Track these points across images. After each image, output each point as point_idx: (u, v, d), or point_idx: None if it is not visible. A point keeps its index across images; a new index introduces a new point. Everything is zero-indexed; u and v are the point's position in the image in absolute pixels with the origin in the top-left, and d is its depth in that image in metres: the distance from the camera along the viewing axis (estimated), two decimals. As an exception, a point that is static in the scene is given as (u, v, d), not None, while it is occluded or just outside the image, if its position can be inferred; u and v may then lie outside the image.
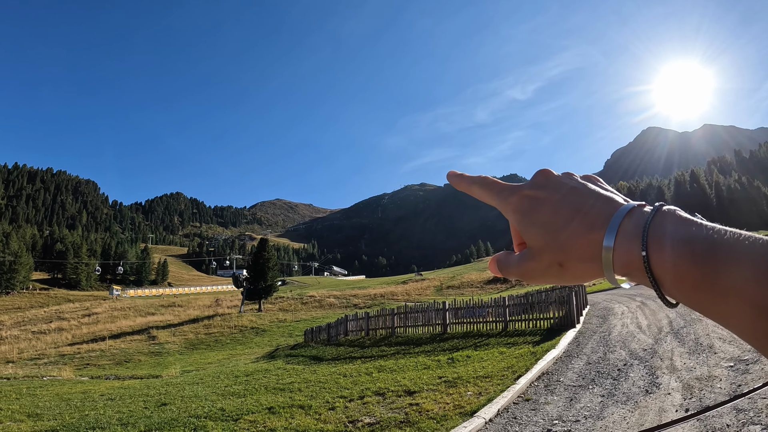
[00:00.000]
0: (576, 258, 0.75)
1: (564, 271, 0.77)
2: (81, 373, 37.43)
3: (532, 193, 0.83)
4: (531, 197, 0.83)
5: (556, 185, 0.82)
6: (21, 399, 18.02)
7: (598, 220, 0.74)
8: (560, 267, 0.77)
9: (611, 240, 0.70)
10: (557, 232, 0.76)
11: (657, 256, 0.66)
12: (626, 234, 0.70)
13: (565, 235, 0.75)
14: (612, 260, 0.70)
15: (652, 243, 0.67)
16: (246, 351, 46.48)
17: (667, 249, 0.65)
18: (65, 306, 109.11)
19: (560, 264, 0.77)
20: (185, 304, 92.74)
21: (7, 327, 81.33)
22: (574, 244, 0.74)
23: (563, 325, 20.59)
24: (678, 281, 0.64)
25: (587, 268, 0.75)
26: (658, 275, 0.66)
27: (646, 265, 0.66)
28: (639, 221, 0.70)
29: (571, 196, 0.79)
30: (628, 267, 0.69)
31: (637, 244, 0.67)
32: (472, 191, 0.93)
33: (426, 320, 26.46)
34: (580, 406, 9.49)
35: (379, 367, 17.64)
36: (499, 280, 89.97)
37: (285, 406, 12.10)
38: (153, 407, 14.31)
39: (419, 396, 11.61)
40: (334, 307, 76.61)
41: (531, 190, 0.84)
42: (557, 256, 0.76)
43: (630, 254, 0.68)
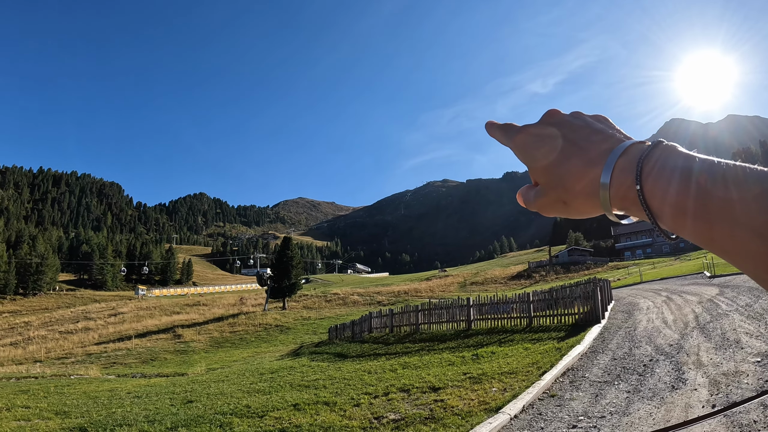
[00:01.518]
0: (577, 194, 0.77)
1: (568, 207, 0.80)
2: (108, 371, 37.89)
3: (537, 131, 0.86)
4: (535, 134, 0.85)
5: (560, 123, 0.84)
6: (49, 397, 18.25)
7: (596, 156, 0.76)
8: (564, 203, 0.80)
9: (607, 176, 0.72)
10: (558, 169, 0.79)
11: (651, 188, 0.67)
12: (622, 169, 0.72)
13: (565, 172, 0.78)
14: (609, 196, 0.72)
15: (646, 175, 0.68)
16: (271, 349, 46.74)
17: (661, 180, 0.67)
18: (92, 306, 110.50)
19: (564, 201, 0.80)
20: (210, 302, 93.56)
21: (35, 327, 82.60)
22: (574, 181, 0.77)
23: (588, 320, 20.46)
24: (673, 211, 0.65)
25: (589, 204, 0.77)
26: (653, 207, 0.68)
27: (641, 197, 0.68)
28: (635, 156, 0.72)
29: (573, 133, 0.81)
30: (624, 201, 0.71)
31: (632, 178, 0.69)
32: (497, 137, 0.96)
33: (450, 317, 26.44)
34: (606, 402, 9.44)
35: (403, 363, 17.67)
36: (522, 276, 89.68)
37: (310, 402, 12.16)
38: (179, 404, 14.44)
39: (444, 392, 11.61)
40: (358, 304, 76.80)
41: (536, 128, 0.87)
42: (559, 192, 0.79)
43: (625, 188, 0.70)
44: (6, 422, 12.95)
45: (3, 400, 17.09)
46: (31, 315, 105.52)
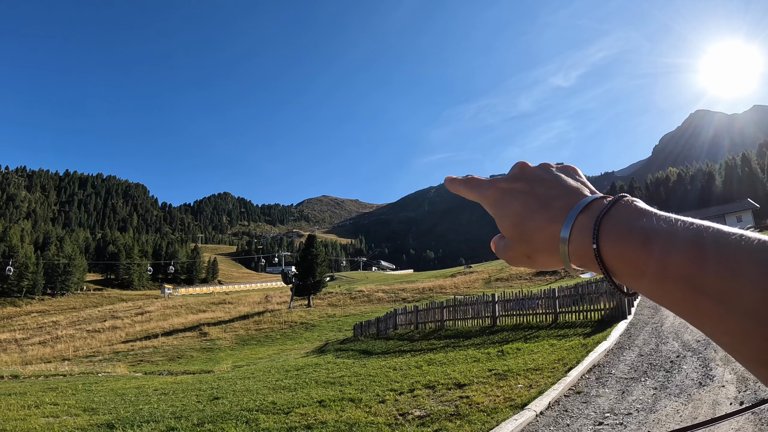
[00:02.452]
0: (539, 249, 0.77)
1: (532, 261, 0.80)
2: (135, 369, 38.29)
3: (506, 186, 0.85)
4: (504, 189, 0.85)
5: (528, 177, 0.84)
6: (77, 394, 18.46)
7: (558, 212, 0.76)
8: (528, 258, 0.80)
9: (567, 232, 0.72)
10: (523, 224, 0.79)
11: (607, 247, 0.67)
12: (581, 227, 0.72)
13: (530, 228, 0.78)
14: (568, 253, 0.72)
15: (603, 235, 0.68)
16: (296, 346, 46.94)
17: (616, 240, 0.67)
18: (119, 305, 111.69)
19: (528, 255, 0.80)
20: (235, 301, 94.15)
21: (63, 326, 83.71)
22: (537, 237, 0.77)
23: (614, 316, 20.30)
24: (627, 270, 0.66)
25: (551, 259, 0.77)
26: (610, 266, 0.67)
27: (597, 257, 0.68)
28: (594, 214, 0.72)
29: (539, 188, 0.81)
30: (582, 258, 0.71)
31: (589, 236, 0.69)
32: (462, 192, 0.97)
33: (475, 313, 26.40)
34: (632, 399, 9.38)
35: (428, 360, 17.67)
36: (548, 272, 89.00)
37: (335, 399, 12.21)
38: (206, 401, 14.57)
39: (469, 389, 11.60)
40: (383, 301, 76.76)
41: (506, 182, 0.86)
42: (523, 247, 0.79)
43: (583, 246, 0.70)
44: (35, 419, 13.14)
45: (32, 397, 17.34)
46: (60, 314, 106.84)
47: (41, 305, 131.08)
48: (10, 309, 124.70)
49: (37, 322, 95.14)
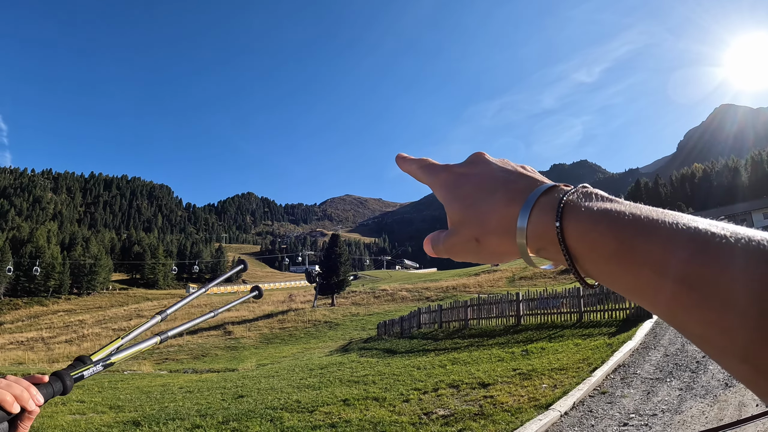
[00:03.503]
0: (492, 232, 0.74)
1: (480, 246, 0.76)
2: (160, 367, 38.69)
3: (462, 170, 0.83)
4: (459, 173, 0.83)
5: (486, 164, 0.82)
6: (103, 392, 18.70)
7: (517, 194, 0.73)
8: (477, 242, 0.76)
9: (527, 212, 0.69)
10: (476, 205, 0.76)
11: (572, 227, 0.65)
12: (542, 207, 0.69)
13: (484, 208, 0.75)
14: (525, 234, 0.69)
15: (567, 213, 0.66)
16: (320, 345, 47.06)
17: (582, 219, 0.64)
18: (144, 304, 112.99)
19: (477, 239, 0.76)
20: (259, 300, 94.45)
21: (89, 325, 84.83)
22: (491, 218, 0.74)
23: (639, 315, 20.13)
24: (592, 252, 0.63)
25: (502, 243, 0.73)
26: (571, 247, 0.65)
27: (560, 235, 0.65)
28: (557, 196, 0.69)
29: (497, 173, 0.79)
30: (541, 240, 0.68)
31: (552, 215, 0.66)
32: (412, 172, 0.94)
33: (499, 312, 26.31)
34: (658, 400, 9.33)
35: (452, 359, 17.68)
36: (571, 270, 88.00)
37: (359, 398, 12.27)
38: (230, 399, 14.72)
39: (493, 388, 11.61)
40: (407, 300, 76.64)
41: (461, 167, 0.84)
42: (474, 229, 0.76)
43: (544, 225, 0.67)
44: (62, 416, 13.34)
45: (59, 394, 17.59)
46: (86, 313, 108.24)
47: (68, 304, 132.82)
48: (38, 308, 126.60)
49: (63, 321, 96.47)
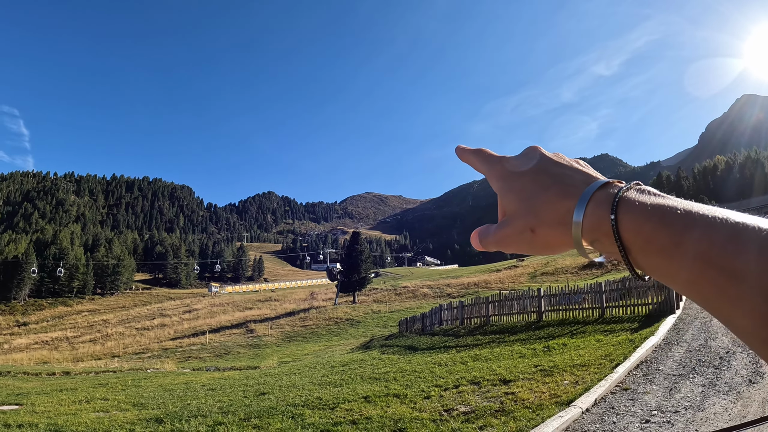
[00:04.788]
0: (547, 223, 0.76)
1: (535, 237, 0.78)
2: (183, 365, 38.91)
3: (518, 162, 0.85)
4: (515, 165, 0.85)
5: (541, 158, 0.84)
6: (127, 390, 18.88)
7: (573, 188, 0.76)
8: (532, 233, 0.78)
9: (583, 205, 0.72)
10: (532, 198, 0.78)
11: (626, 220, 0.66)
12: (599, 201, 0.71)
13: (540, 201, 0.77)
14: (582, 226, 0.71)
15: (622, 207, 0.68)
16: (341, 342, 47.20)
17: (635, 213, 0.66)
18: (167, 304, 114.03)
19: (532, 229, 0.78)
20: (281, 298, 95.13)
21: (113, 325, 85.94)
22: (546, 210, 0.76)
23: (662, 310, 19.97)
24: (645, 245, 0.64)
25: (557, 234, 0.76)
26: (625, 239, 0.66)
27: (614, 228, 0.67)
28: (612, 191, 0.72)
29: (552, 168, 0.82)
30: (596, 232, 0.70)
31: (607, 209, 0.68)
32: (470, 162, 0.96)
33: (520, 308, 26.22)
34: (680, 396, 9.26)
35: (473, 356, 17.65)
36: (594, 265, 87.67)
37: (380, 395, 12.29)
38: (252, 396, 14.80)
39: (515, 385, 11.58)
40: (428, 297, 76.63)
41: (517, 160, 0.86)
42: (529, 220, 0.78)
43: (598, 218, 0.69)
44: (86, 413, 13.49)
45: (83, 392, 17.80)
46: (109, 313, 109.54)
47: (91, 304, 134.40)
48: (62, 308, 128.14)
49: (87, 321, 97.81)
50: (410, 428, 9.11)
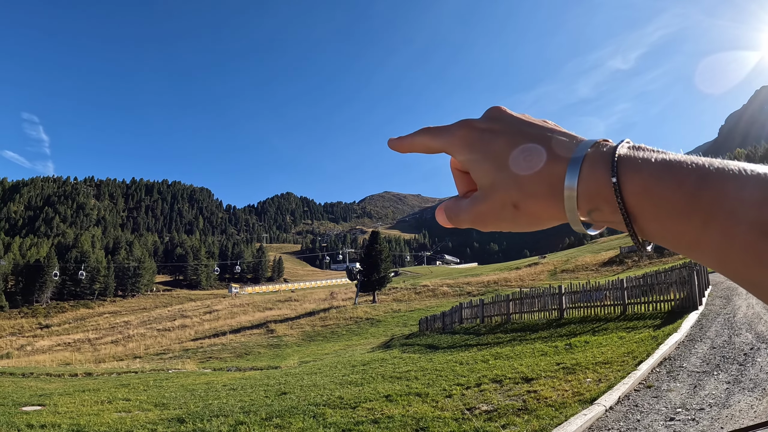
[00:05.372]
0: (532, 194, 0.65)
1: (519, 213, 0.67)
2: (204, 365, 39.14)
3: (485, 125, 0.72)
4: (483, 129, 0.72)
5: (511, 118, 0.72)
6: (148, 390, 19.04)
7: (560, 149, 0.64)
8: (515, 208, 0.67)
9: (576, 168, 0.61)
10: (514, 165, 0.66)
11: (631, 182, 0.57)
12: (594, 161, 0.61)
13: (522, 168, 0.65)
14: (576, 194, 0.61)
15: (624, 168, 0.58)
16: (362, 341, 47.22)
17: (643, 173, 0.57)
18: (187, 305, 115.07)
19: (514, 204, 0.66)
20: (301, 298, 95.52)
21: (134, 326, 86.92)
22: (530, 178, 0.64)
23: (685, 307, 19.80)
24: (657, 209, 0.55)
25: (546, 207, 0.64)
26: (631, 205, 0.57)
27: (617, 192, 0.57)
28: (609, 148, 0.61)
29: (528, 128, 0.69)
30: (594, 199, 0.60)
31: (606, 171, 0.59)
32: (415, 146, 0.81)
33: (541, 306, 26.11)
34: (705, 394, 9.18)
35: (495, 354, 17.61)
36: (614, 262, 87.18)
37: (402, 393, 12.30)
38: (273, 396, 14.86)
39: (537, 383, 11.54)
40: (448, 295, 76.53)
41: (483, 122, 0.73)
42: (511, 193, 0.66)
43: (597, 182, 0.59)
44: (108, 414, 13.64)
45: (105, 393, 17.98)
46: (131, 315, 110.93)
47: (113, 306, 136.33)
48: (84, 311, 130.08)
49: (109, 323, 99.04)
50: (432, 427, 9.11)
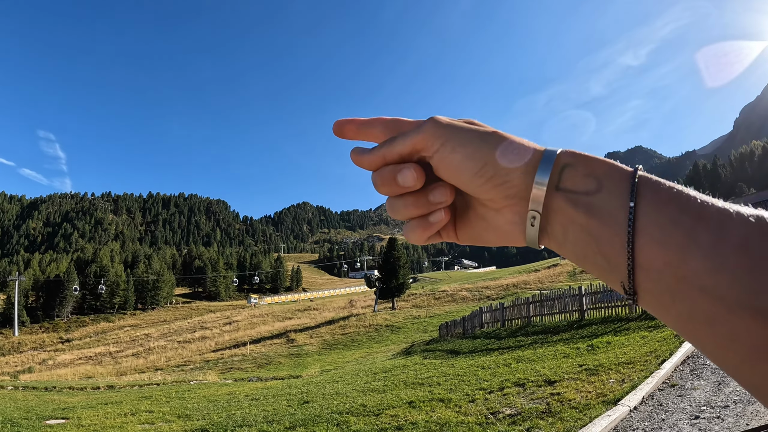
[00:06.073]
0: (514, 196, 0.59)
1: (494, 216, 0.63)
2: (225, 376, 39.28)
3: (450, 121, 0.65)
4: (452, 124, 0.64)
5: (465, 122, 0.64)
6: (171, 402, 19.14)
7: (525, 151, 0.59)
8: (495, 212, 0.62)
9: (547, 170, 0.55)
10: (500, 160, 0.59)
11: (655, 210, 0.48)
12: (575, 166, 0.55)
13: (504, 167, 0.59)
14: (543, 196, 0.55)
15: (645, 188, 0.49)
16: (382, 348, 47.22)
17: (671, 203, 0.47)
18: (207, 316, 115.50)
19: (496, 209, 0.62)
20: (320, 307, 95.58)
21: (155, 338, 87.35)
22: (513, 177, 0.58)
23: (707, 303, 19.61)
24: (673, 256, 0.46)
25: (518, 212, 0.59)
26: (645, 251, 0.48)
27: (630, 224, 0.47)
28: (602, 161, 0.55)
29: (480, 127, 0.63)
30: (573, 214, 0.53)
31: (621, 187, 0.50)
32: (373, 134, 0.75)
33: (562, 307, 25.94)
34: (729, 391, 9.10)
35: (517, 357, 17.54)
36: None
37: (425, 399, 12.28)
38: (296, 405, 14.91)
39: (560, 385, 11.49)
40: (467, 300, 76.35)
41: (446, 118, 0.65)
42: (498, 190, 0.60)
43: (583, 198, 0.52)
44: (132, 426, 13.73)
45: (128, 405, 18.09)
46: (151, 327, 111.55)
47: (133, 319, 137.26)
48: (104, 324, 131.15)
49: (129, 336, 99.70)
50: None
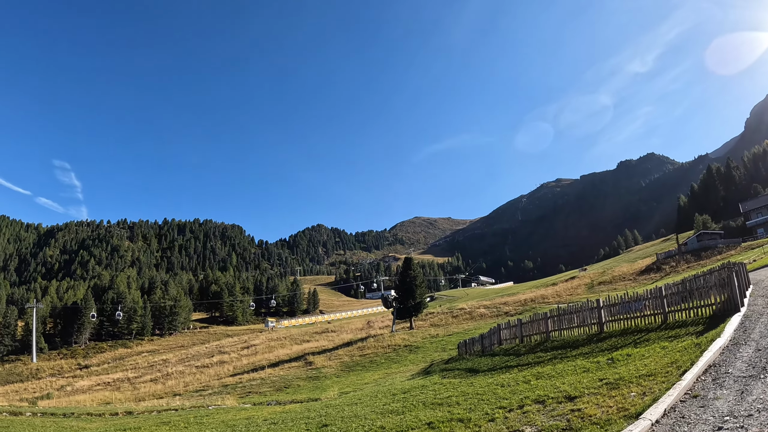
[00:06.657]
0: None
1: None
2: (244, 400, 39.32)
3: None
4: None
5: None
6: (189, 427, 19.16)
7: None
8: None
9: None
10: None
11: None
12: None
13: None
14: None
15: None
16: (401, 369, 47.07)
17: None
18: (225, 341, 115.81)
19: None
20: (338, 329, 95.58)
21: (173, 364, 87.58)
22: None
23: (726, 310, 19.35)
24: None
25: None
26: None
27: None
28: None
29: None
30: None
31: None
32: None
33: (580, 321, 25.73)
34: (752, 399, 8.96)
35: (536, 374, 17.40)
36: (651, 270, 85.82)
37: (444, 420, 12.21)
38: (315, 428, 14.86)
39: (580, 401, 11.38)
40: (485, 317, 76.08)
41: None
42: None
43: None
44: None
45: (146, 431, 18.10)
46: (169, 353, 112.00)
47: (151, 345, 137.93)
48: (122, 350, 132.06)
49: (147, 361, 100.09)
50: (477, 453, 9.02)
